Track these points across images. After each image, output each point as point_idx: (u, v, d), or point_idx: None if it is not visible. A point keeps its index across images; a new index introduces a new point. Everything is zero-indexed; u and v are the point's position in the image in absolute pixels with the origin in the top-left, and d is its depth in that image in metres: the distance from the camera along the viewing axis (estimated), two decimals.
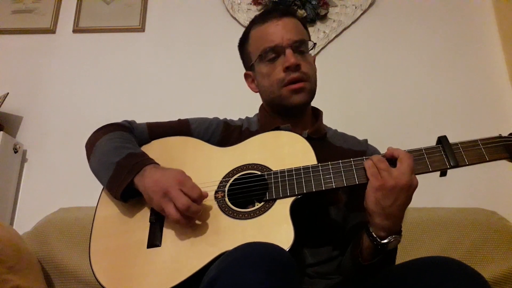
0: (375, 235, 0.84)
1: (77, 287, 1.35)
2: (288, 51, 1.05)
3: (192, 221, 0.88)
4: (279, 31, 1.08)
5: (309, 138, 1.04)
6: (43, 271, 1.34)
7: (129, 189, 0.94)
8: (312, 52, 1.15)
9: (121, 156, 0.96)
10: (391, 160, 0.85)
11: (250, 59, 1.16)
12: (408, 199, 0.82)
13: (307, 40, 1.12)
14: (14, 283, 1.15)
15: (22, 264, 1.21)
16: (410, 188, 0.81)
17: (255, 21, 1.15)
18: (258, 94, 1.24)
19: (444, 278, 0.72)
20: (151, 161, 0.96)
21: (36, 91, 2.01)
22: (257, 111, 1.23)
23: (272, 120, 1.13)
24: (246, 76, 1.21)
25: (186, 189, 0.86)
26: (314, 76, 1.12)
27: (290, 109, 1.09)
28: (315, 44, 1.16)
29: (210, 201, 0.92)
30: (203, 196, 0.89)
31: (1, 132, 1.80)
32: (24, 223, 1.63)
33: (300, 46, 1.09)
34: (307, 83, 1.07)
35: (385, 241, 0.83)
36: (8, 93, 1.86)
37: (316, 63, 1.19)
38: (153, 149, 1.06)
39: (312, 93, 1.10)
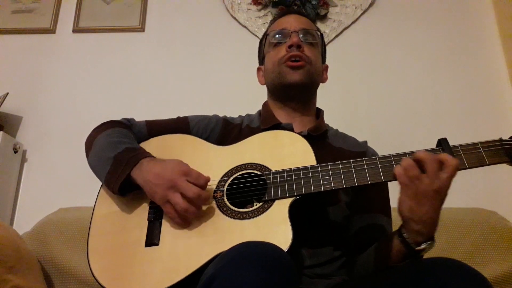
0: (410, 242, 0.81)
1: (76, 287, 1.35)
2: (294, 34, 1.11)
3: (200, 209, 0.88)
4: (290, 20, 1.17)
5: (309, 136, 1.05)
6: (43, 271, 1.34)
7: (127, 183, 0.94)
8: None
9: (118, 151, 0.97)
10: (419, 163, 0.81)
11: (263, 51, 1.21)
12: (443, 200, 0.80)
13: (314, 30, 1.17)
14: (14, 283, 1.15)
15: (22, 264, 1.21)
16: (442, 191, 0.79)
17: (273, 19, 1.24)
18: (258, 92, 1.25)
19: (446, 279, 0.71)
20: (147, 154, 0.97)
21: (36, 91, 2.01)
22: (259, 109, 1.23)
23: (274, 116, 1.14)
24: (258, 70, 1.26)
25: (192, 179, 0.87)
26: (317, 65, 1.15)
27: (287, 87, 1.11)
28: (322, 35, 1.21)
29: (208, 200, 0.92)
30: (208, 180, 0.90)
31: (1, 132, 1.80)
32: (24, 223, 1.63)
33: (307, 35, 1.14)
34: (307, 65, 1.10)
35: (422, 246, 0.81)
36: (8, 93, 1.86)
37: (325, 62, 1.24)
38: (152, 146, 1.06)
39: (311, 77, 1.11)
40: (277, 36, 1.15)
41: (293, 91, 1.11)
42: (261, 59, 1.24)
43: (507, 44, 1.89)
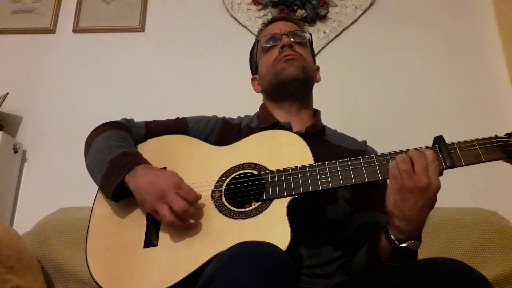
0: (393, 238, 0.82)
1: (76, 287, 1.35)
2: (284, 36, 1.16)
3: (186, 223, 0.88)
4: (278, 25, 1.21)
5: (307, 134, 1.06)
6: (43, 271, 1.34)
7: (121, 188, 0.94)
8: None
9: (115, 155, 0.97)
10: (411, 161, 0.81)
11: (256, 60, 1.23)
12: (430, 202, 0.79)
13: (301, 30, 1.22)
14: (14, 283, 1.15)
15: (22, 264, 1.21)
16: (428, 190, 0.78)
17: (262, 29, 1.28)
18: (258, 94, 1.24)
19: (447, 280, 0.71)
20: (143, 161, 0.97)
21: (36, 91, 2.01)
22: (257, 111, 1.23)
23: (273, 115, 1.14)
24: (252, 80, 1.27)
25: (182, 193, 0.87)
26: (310, 62, 1.18)
27: (285, 83, 1.12)
28: (311, 35, 1.25)
29: (207, 200, 0.92)
30: (198, 198, 0.89)
31: (1, 132, 1.80)
32: (24, 223, 1.63)
33: (296, 36, 1.18)
34: (302, 60, 1.14)
35: (403, 245, 0.81)
36: (8, 93, 1.86)
37: (316, 63, 1.21)
38: (150, 147, 1.07)
39: (305, 71, 1.13)
40: (268, 40, 1.18)
41: (290, 86, 1.12)
42: (255, 68, 1.26)
43: (507, 44, 1.89)
